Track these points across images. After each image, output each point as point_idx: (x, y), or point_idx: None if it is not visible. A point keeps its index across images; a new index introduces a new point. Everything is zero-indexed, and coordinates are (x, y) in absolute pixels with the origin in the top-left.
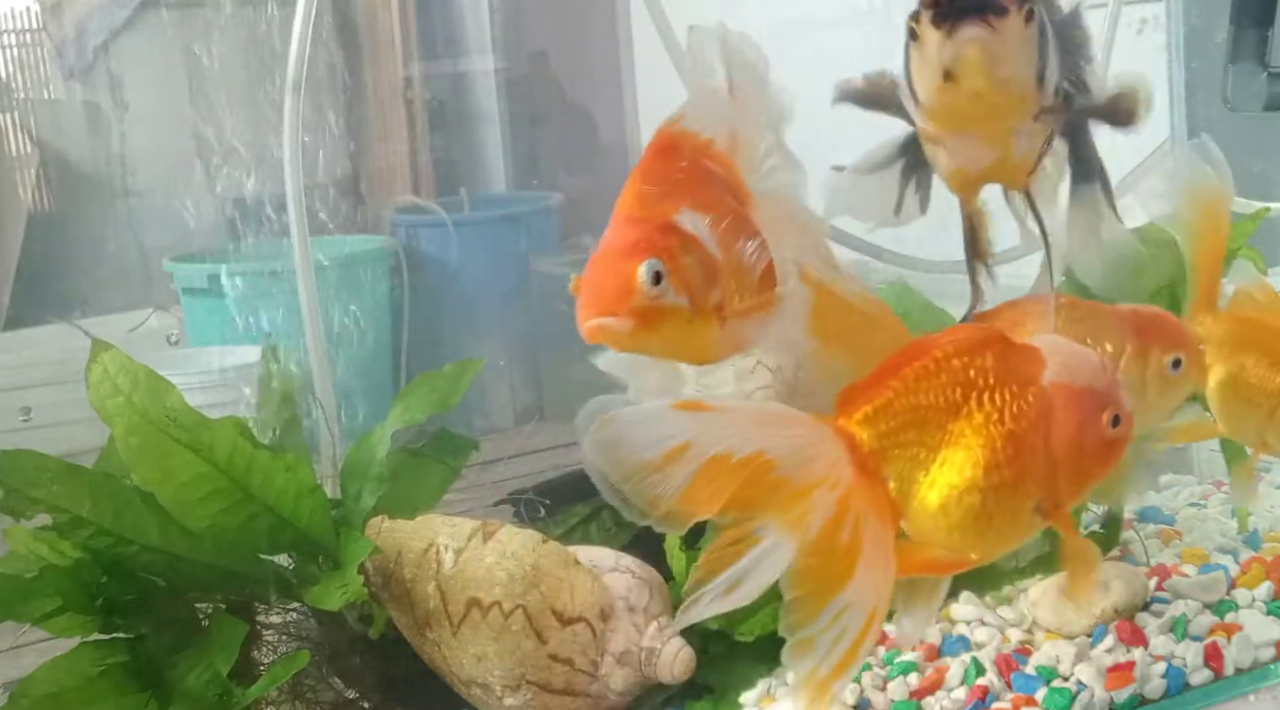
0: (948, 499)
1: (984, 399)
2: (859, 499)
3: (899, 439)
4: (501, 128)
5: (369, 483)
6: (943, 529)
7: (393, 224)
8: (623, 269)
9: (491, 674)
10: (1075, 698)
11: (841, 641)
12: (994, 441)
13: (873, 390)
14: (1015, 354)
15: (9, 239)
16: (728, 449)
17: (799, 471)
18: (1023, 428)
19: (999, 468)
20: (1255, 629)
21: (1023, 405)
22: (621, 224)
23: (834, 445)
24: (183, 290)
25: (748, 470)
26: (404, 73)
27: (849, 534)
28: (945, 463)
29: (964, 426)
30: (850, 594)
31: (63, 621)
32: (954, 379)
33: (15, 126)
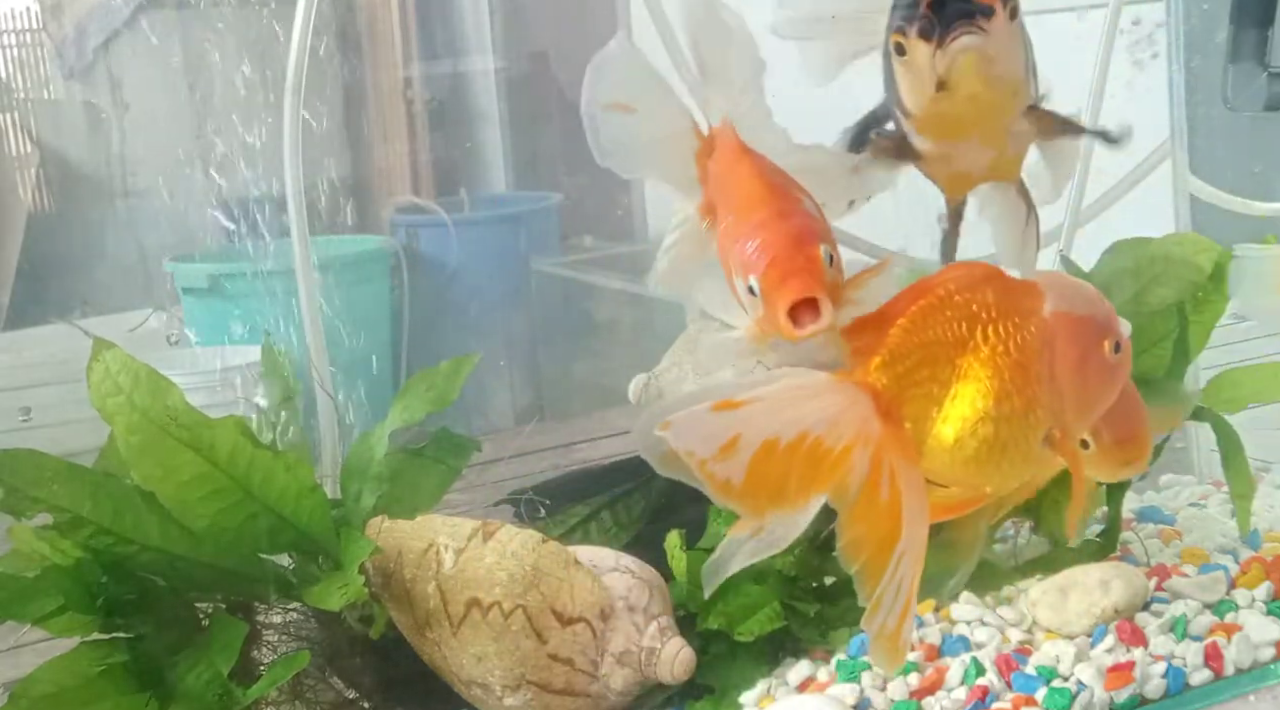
0: (962, 431)
1: (988, 332)
2: (889, 449)
3: (913, 378)
4: (501, 128)
5: (369, 482)
6: (958, 463)
7: (393, 224)
8: (814, 255)
9: (491, 674)
10: (1075, 698)
11: (901, 591)
12: (1002, 372)
13: (881, 333)
14: (1015, 287)
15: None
16: (775, 434)
17: (837, 437)
18: (1028, 357)
19: (1008, 397)
20: (1255, 629)
21: (1026, 335)
22: (781, 216)
23: (861, 401)
24: (183, 290)
25: (797, 450)
26: (404, 73)
27: (888, 486)
28: (956, 397)
29: (971, 360)
30: (904, 544)
31: (63, 621)
32: (958, 314)
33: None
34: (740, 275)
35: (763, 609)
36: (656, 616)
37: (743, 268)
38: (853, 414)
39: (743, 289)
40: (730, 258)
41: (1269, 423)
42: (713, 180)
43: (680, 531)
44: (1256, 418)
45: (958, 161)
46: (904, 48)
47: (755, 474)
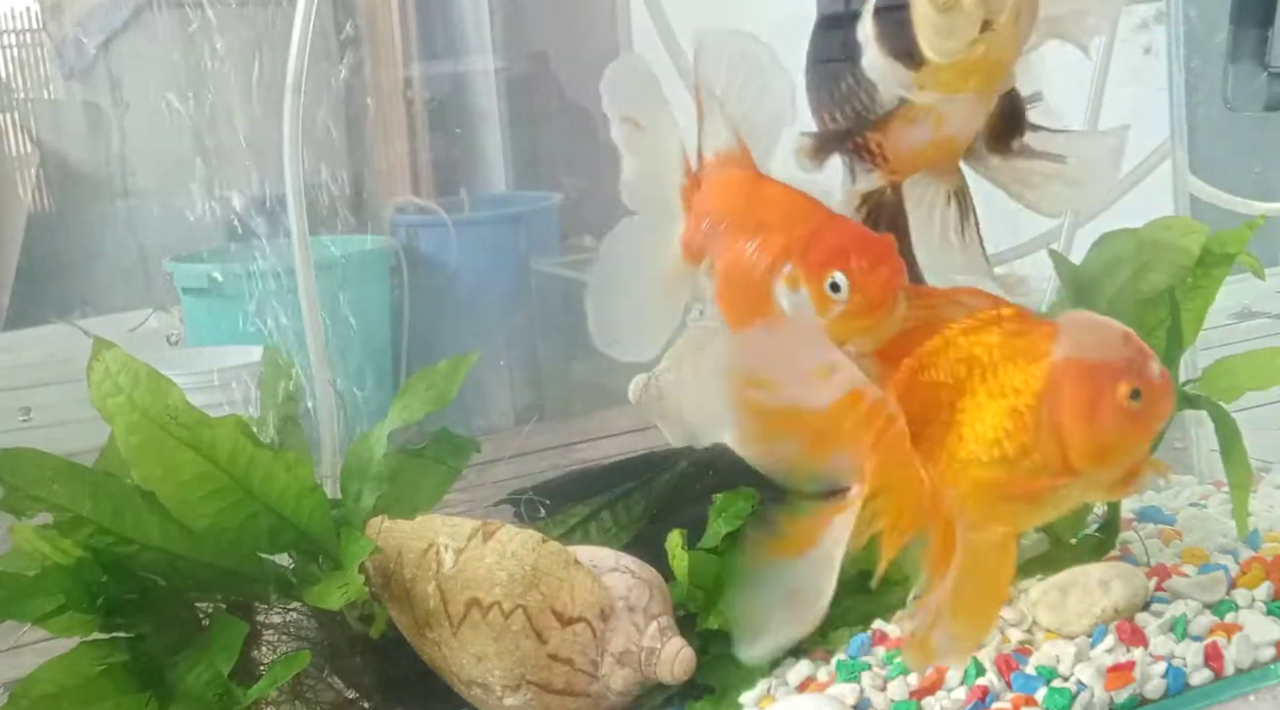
0: (956, 472)
1: (986, 375)
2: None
3: (920, 418)
4: (501, 128)
5: (369, 482)
6: (960, 501)
7: (393, 224)
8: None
9: (491, 674)
10: (1075, 698)
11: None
12: (994, 415)
13: (899, 361)
14: (1026, 330)
15: (9, 239)
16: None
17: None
18: (1027, 402)
19: (1000, 442)
20: (1255, 629)
21: (1027, 380)
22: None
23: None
24: (183, 290)
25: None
26: (404, 73)
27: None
28: (960, 438)
29: (968, 403)
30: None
31: (63, 621)
32: (960, 355)
33: (15, 126)
34: (811, 280)
35: None
36: (656, 616)
37: (817, 268)
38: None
39: (801, 301)
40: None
41: (1269, 423)
42: (717, 210)
43: (681, 531)
44: (1256, 418)
45: (949, 123)
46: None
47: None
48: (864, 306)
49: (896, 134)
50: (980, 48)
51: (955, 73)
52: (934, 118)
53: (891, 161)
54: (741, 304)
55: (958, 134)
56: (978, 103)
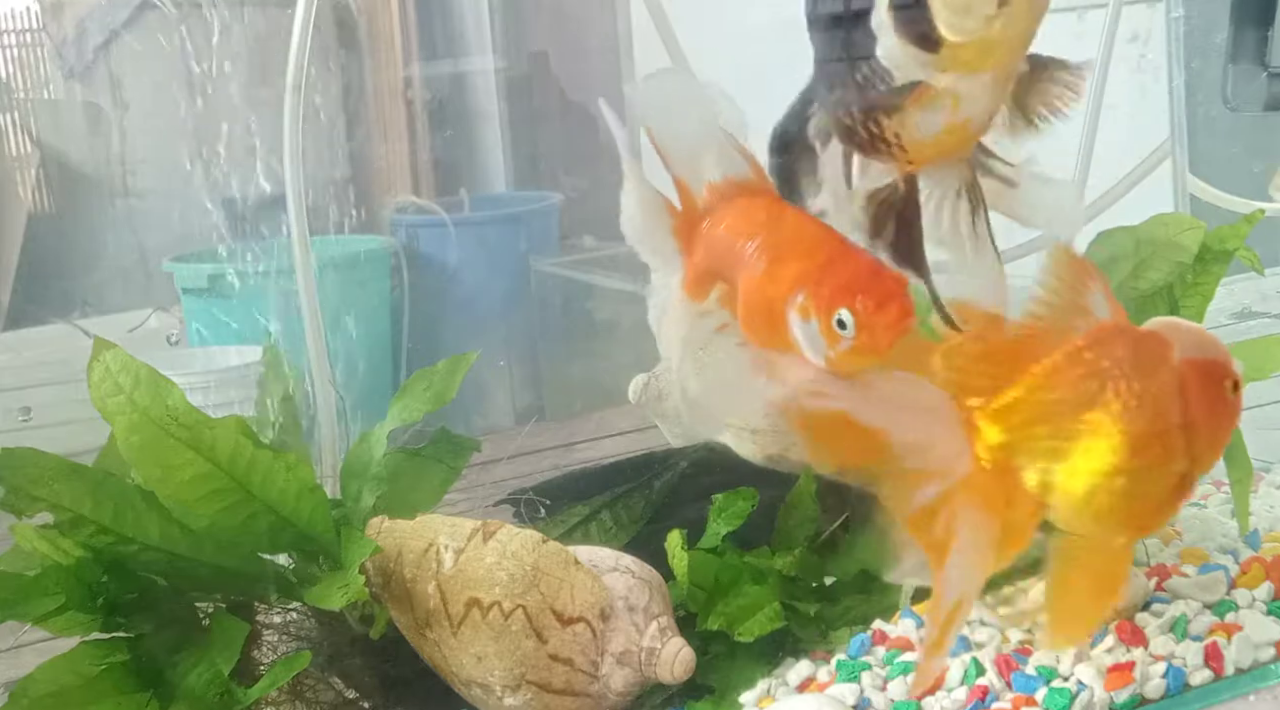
0: (1094, 485)
1: (1121, 387)
2: (968, 492)
3: (1030, 433)
4: (501, 128)
5: (368, 482)
6: (1089, 515)
7: (393, 224)
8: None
9: (491, 674)
10: (1075, 698)
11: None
12: (1137, 424)
13: (990, 373)
14: (1144, 337)
15: (9, 239)
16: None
17: (916, 461)
18: (1164, 406)
19: (1149, 447)
20: (1255, 629)
21: (1161, 384)
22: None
23: (958, 439)
24: (183, 290)
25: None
26: (404, 73)
27: (943, 525)
28: (1088, 452)
29: (1102, 415)
30: (943, 583)
31: (63, 620)
32: (1089, 371)
33: (15, 126)
34: (821, 313)
35: (763, 609)
36: (656, 616)
37: (826, 302)
38: (945, 447)
39: (812, 331)
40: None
41: (1269, 423)
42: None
43: (681, 531)
44: (1257, 418)
45: (966, 106)
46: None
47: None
48: (868, 346)
49: (914, 121)
50: (998, 24)
51: (975, 51)
52: (951, 100)
53: (910, 150)
54: (766, 333)
55: (976, 117)
56: (995, 84)
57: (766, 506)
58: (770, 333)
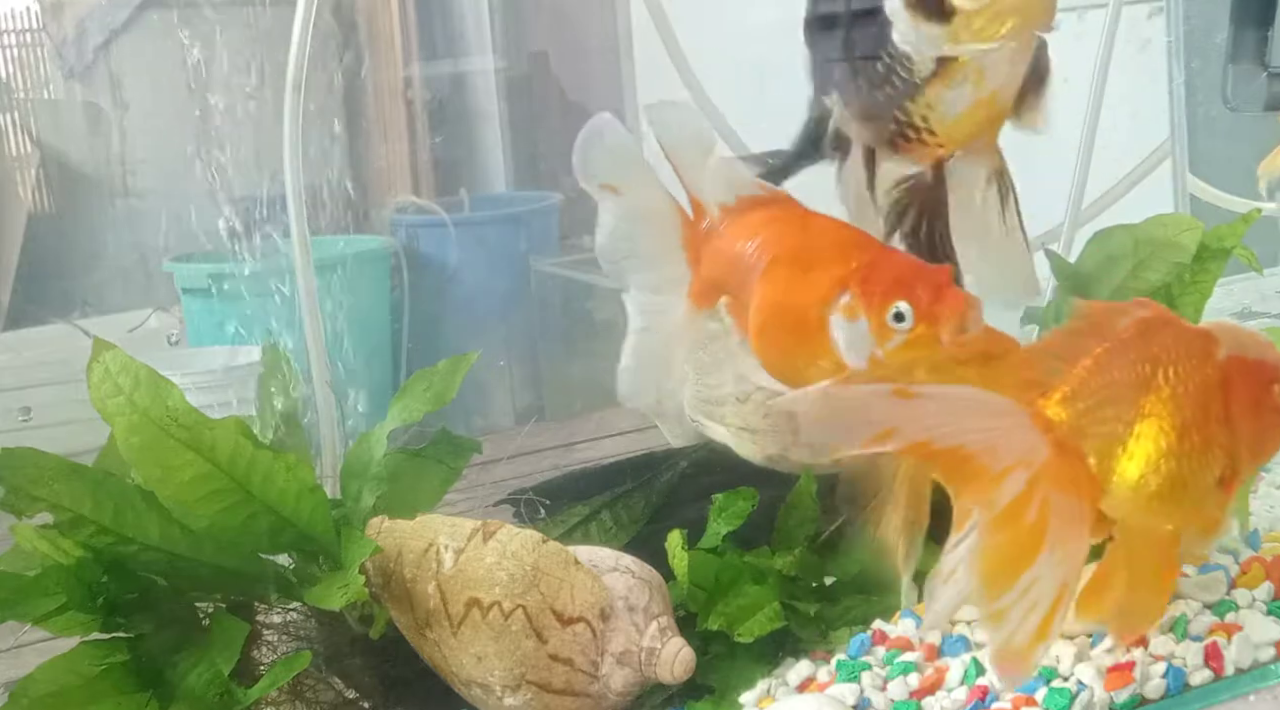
0: (1146, 468)
1: (1169, 373)
2: (1051, 479)
3: (1095, 417)
4: (501, 128)
5: (368, 482)
6: (1141, 499)
7: (393, 224)
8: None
9: (491, 674)
10: (1075, 698)
11: (1034, 613)
12: (1184, 411)
13: (1067, 369)
14: (1191, 331)
15: (9, 239)
16: (929, 437)
17: (994, 461)
18: (1207, 397)
19: (1189, 436)
20: (1255, 629)
21: (1204, 377)
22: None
23: (1030, 432)
24: (183, 290)
25: (948, 457)
26: (404, 73)
27: (1036, 512)
28: (1141, 436)
29: (1154, 400)
30: (1039, 568)
31: (63, 620)
32: (1141, 356)
33: (15, 126)
34: (873, 310)
35: (763, 609)
36: (657, 616)
37: (879, 298)
38: (1019, 441)
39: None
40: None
41: None
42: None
43: (681, 531)
44: None
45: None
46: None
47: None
48: (929, 335)
49: (940, 100)
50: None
51: (988, 16)
52: (974, 73)
53: (939, 133)
54: (787, 339)
55: (1002, 88)
56: (1016, 52)
57: (766, 506)
58: (796, 342)
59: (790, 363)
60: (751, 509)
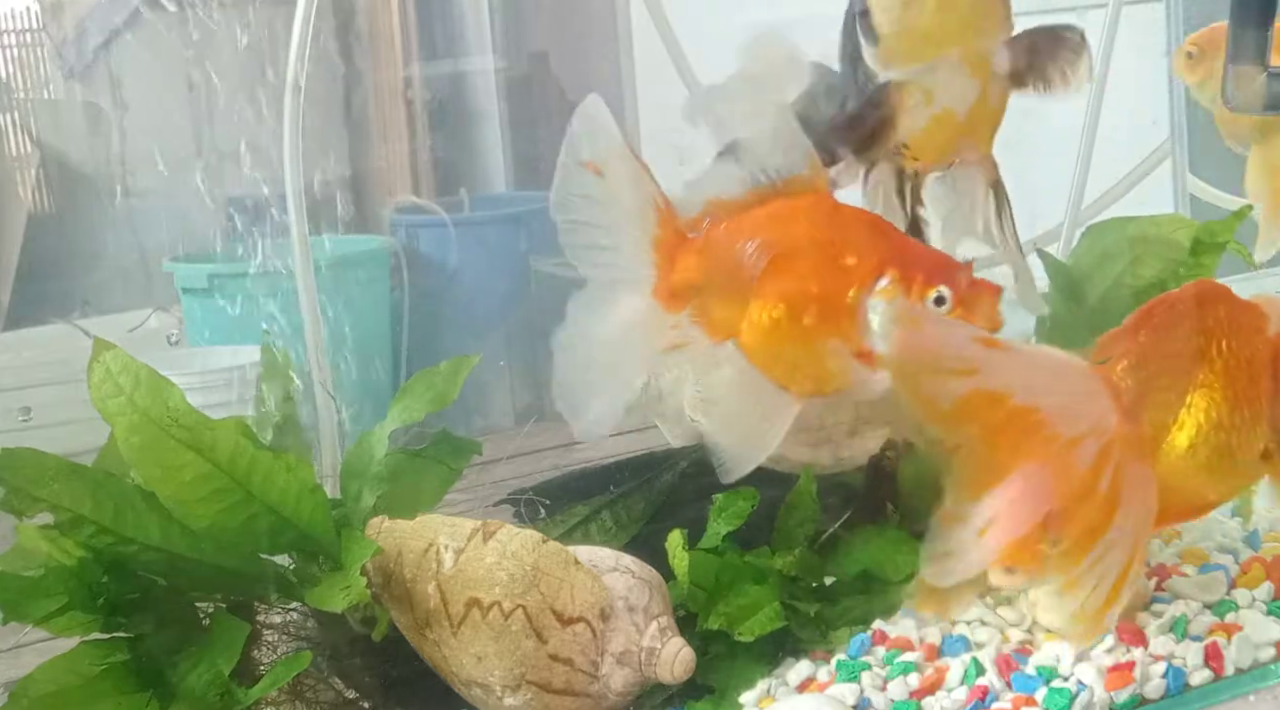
0: (1196, 438)
1: (1222, 346)
2: (1121, 446)
3: (1155, 384)
4: (501, 128)
5: (369, 482)
6: (1190, 469)
7: (393, 224)
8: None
9: (491, 674)
10: (1075, 698)
11: (1106, 579)
12: (1236, 383)
13: (1130, 340)
14: (1242, 306)
15: (9, 239)
16: (1008, 389)
17: (1068, 426)
18: (1257, 371)
19: (1240, 408)
20: (1255, 629)
21: (1255, 351)
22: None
23: (1103, 398)
24: (183, 290)
25: (1021, 416)
26: (404, 73)
27: (1109, 480)
28: (1193, 406)
29: (1207, 371)
30: (1112, 536)
31: (64, 620)
32: (1196, 328)
33: (15, 126)
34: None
35: (763, 609)
36: (656, 616)
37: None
38: (1091, 406)
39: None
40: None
41: None
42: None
43: (681, 531)
44: None
45: (939, 95)
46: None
47: (967, 411)
48: (965, 319)
49: (900, 118)
50: (927, 10)
51: (908, 40)
52: (922, 94)
53: (911, 148)
54: (812, 329)
55: (955, 106)
56: (961, 74)
57: (766, 506)
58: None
59: (809, 354)
60: (751, 509)
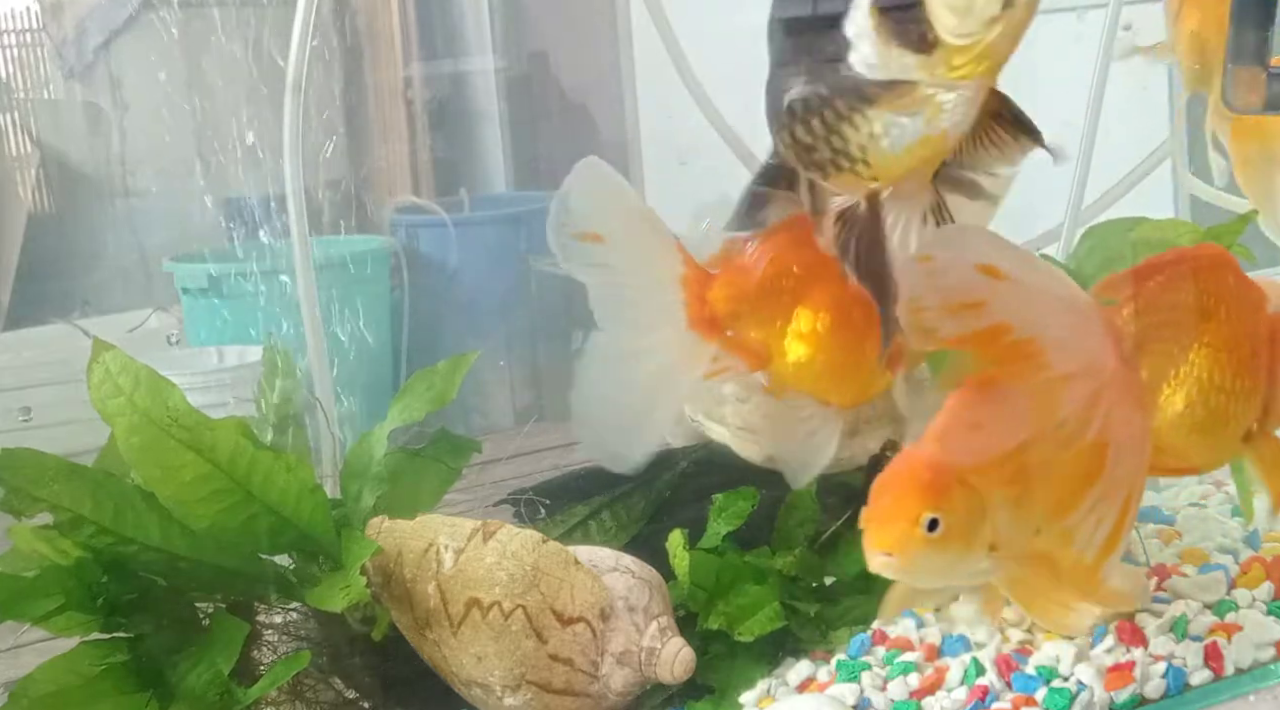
0: (1194, 398)
1: (1230, 311)
2: (1115, 389)
3: (1158, 334)
4: (501, 128)
5: (369, 482)
6: (1183, 428)
7: (393, 224)
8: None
9: (491, 674)
10: (1075, 698)
11: (1100, 528)
12: (1239, 349)
13: (1137, 286)
14: (1247, 280)
15: (9, 239)
16: (1011, 320)
17: (1063, 361)
18: (1257, 345)
19: (1241, 376)
20: (1255, 629)
21: (1256, 325)
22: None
23: (1103, 338)
24: (183, 290)
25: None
26: (404, 73)
27: (1100, 424)
28: (1194, 363)
29: (1213, 332)
30: (1104, 485)
31: (63, 621)
32: (1206, 287)
33: (15, 126)
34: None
35: (763, 609)
36: (657, 616)
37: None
38: (1091, 345)
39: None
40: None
41: None
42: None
43: (682, 531)
44: None
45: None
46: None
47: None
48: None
49: (887, 131)
50: (997, 28)
51: (969, 56)
52: (931, 108)
53: (874, 166)
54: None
55: (950, 130)
56: (974, 96)
57: (766, 506)
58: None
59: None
60: (751, 509)
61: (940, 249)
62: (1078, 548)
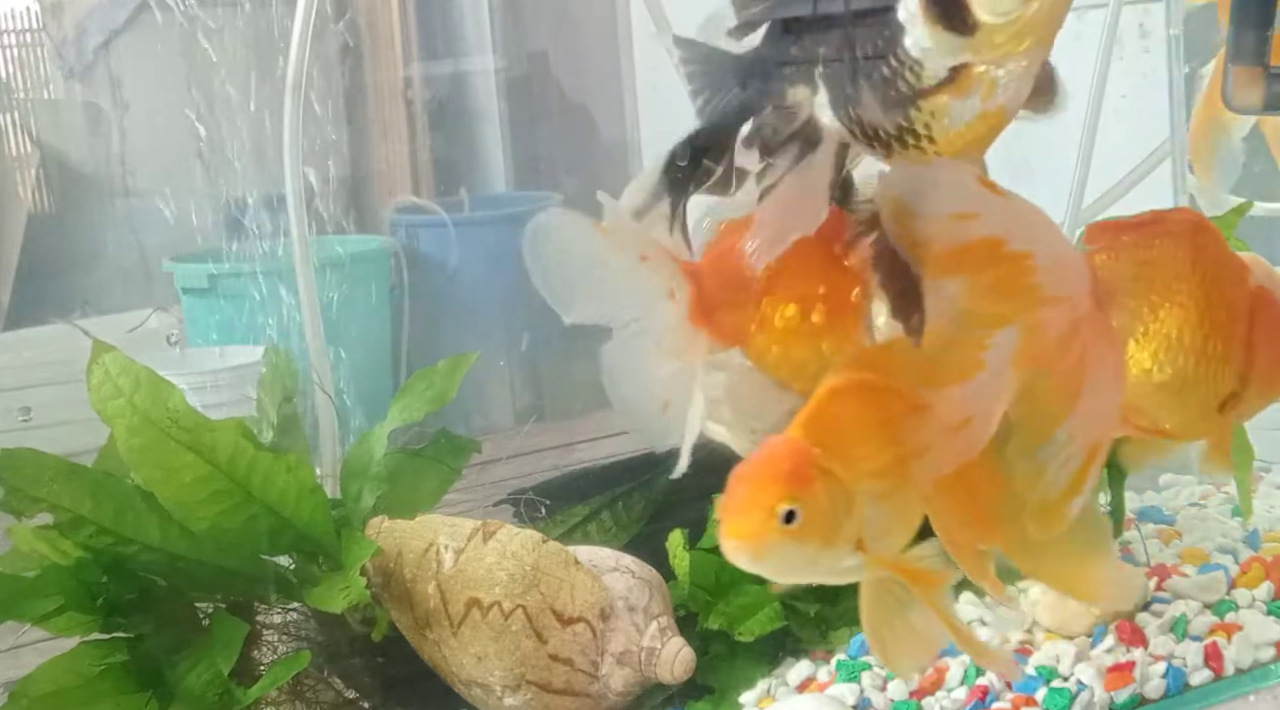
0: (1160, 357)
1: (1206, 275)
2: (1091, 328)
3: (1125, 287)
4: (501, 128)
5: (369, 482)
6: (1147, 389)
7: (393, 224)
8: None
9: (491, 674)
10: (1075, 698)
11: (1066, 468)
12: (1214, 313)
13: (1112, 236)
14: (1229, 251)
15: (9, 239)
16: (1005, 234)
17: (1054, 283)
18: (1235, 314)
19: (1212, 340)
20: (1255, 629)
21: (1236, 296)
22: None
23: (1084, 270)
24: (183, 290)
25: (1008, 263)
26: (404, 73)
27: (1075, 359)
28: (1164, 322)
29: (1187, 293)
30: (1074, 422)
31: (63, 621)
32: (1186, 247)
33: (15, 126)
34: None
35: (763, 609)
36: (656, 616)
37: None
38: (1076, 272)
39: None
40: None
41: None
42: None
43: (682, 531)
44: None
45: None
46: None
47: (959, 256)
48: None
49: (947, 109)
50: (1034, 3)
51: (1010, 33)
52: (986, 86)
53: (939, 141)
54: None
55: (1008, 104)
56: (1028, 69)
57: None
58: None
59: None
60: None
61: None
62: (1044, 485)
